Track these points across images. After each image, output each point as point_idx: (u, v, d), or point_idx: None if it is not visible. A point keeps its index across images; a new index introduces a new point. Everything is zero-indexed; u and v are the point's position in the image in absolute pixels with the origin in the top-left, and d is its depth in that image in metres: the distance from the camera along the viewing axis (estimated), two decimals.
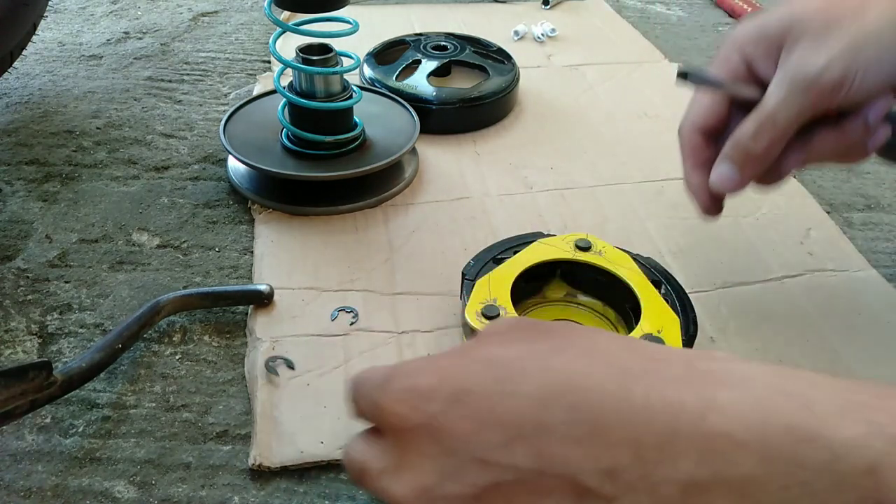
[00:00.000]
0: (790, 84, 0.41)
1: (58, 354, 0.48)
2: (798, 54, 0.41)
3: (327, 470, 0.41)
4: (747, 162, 0.43)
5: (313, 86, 0.59)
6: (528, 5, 1.00)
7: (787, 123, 0.41)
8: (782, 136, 0.42)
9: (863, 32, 0.40)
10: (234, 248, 0.57)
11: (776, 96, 0.41)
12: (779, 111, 0.41)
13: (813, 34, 0.41)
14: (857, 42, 0.40)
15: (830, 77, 0.40)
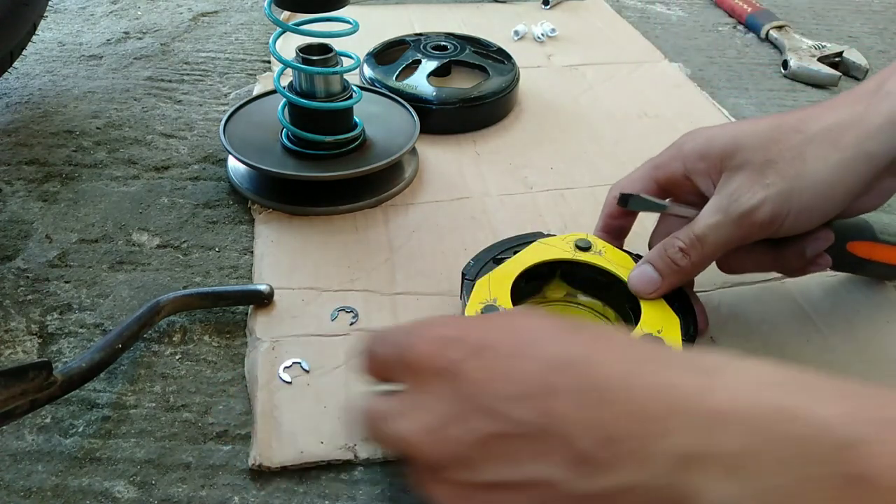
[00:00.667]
0: (723, 213, 0.42)
1: (58, 354, 0.48)
2: (734, 185, 0.42)
3: (327, 470, 0.41)
4: (671, 273, 0.44)
5: (313, 86, 0.59)
6: (528, 5, 1.00)
7: (714, 248, 0.43)
8: (708, 257, 0.44)
9: (801, 176, 0.41)
10: (234, 248, 0.57)
11: (707, 221, 0.43)
12: (708, 235, 0.43)
13: (752, 169, 0.42)
14: (791, 187, 0.41)
15: (762, 216, 0.41)
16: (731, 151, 0.43)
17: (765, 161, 0.42)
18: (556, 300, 0.51)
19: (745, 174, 0.42)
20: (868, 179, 0.41)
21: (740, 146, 0.43)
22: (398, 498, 0.40)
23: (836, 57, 0.88)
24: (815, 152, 0.41)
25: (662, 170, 0.47)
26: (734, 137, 0.43)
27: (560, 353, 0.30)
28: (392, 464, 0.42)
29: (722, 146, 0.43)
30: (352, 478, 0.41)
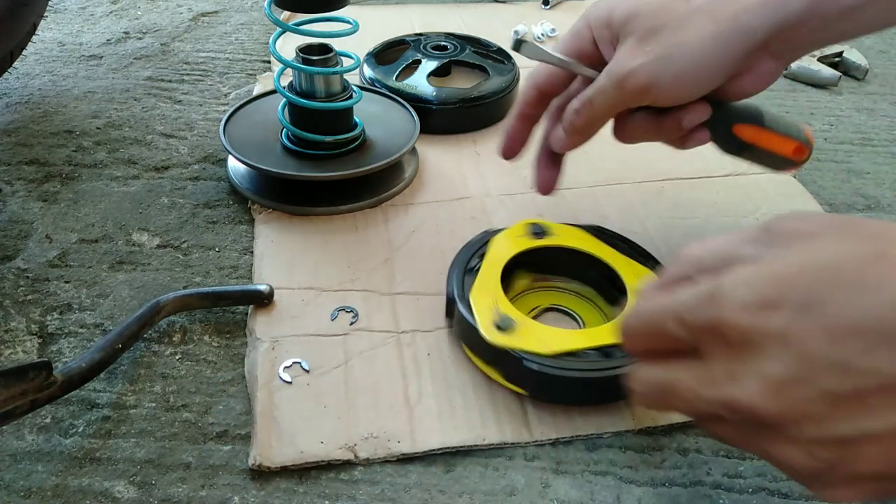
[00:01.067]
0: (606, 77, 0.46)
1: (58, 354, 0.48)
2: (621, 51, 0.46)
3: (327, 470, 0.41)
4: (572, 131, 0.49)
5: (313, 86, 0.59)
6: (528, 5, 1.00)
7: (601, 109, 0.47)
8: (599, 117, 0.48)
9: (677, 45, 0.44)
10: (234, 248, 0.57)
11: (595, 84, 0.47)
12: (595, 97, 0.47)
13: (638, 35, 0.45)
14: (668, 54, 0.44)
15: (636, 81, 0.44)
16: (628, 18, 0.46)
17: (650, 28, 0.44)
18: (525, 290, 0.52)
19: (630, 40, 0.45)
20: (742, 55, 0.44)
21: (634, 13, 0.45)
22: (398, 498, 0.40)
23: (836, 57, 0.88)
24: (695, 23, 0.43)
25: (573, 39, 0.50)
26: (632, 5, 0.46)
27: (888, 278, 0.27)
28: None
29: (621, 13, 0.46)
30: (352, 478, 0.41)
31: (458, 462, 0.42)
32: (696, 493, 0.41)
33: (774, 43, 0.43)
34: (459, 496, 0.40)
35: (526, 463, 0.42)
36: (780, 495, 0.41)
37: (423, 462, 0.42)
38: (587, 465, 0.42)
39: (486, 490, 0.41)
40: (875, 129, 0.77)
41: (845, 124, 0.78)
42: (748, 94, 0.47)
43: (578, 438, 0.43)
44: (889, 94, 0.84)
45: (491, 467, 0.42)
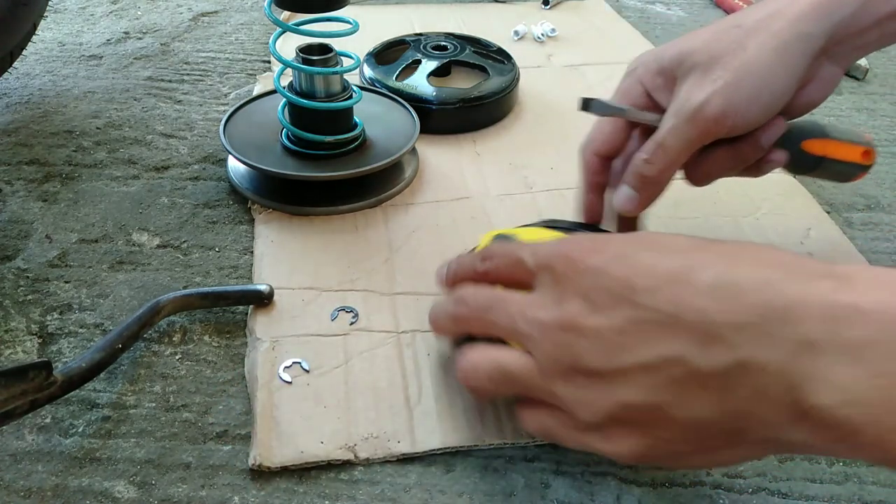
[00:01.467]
0: (676, 116, 0.44)
1: (58, 354, 0.48)
2: (685, 88, 0.44)
3: (327, 470, 0.41)
4: (643, 185, 0.46)
5: (313, 86, 0.59)
6: (528, 5, 1.00)
7: (676, 151, 0.45)
8: (673, 161, 0.45)
9: (743, 66, 0.43)
10: (234, 248, 0.57)
11: (665, 126, 0.45)
12: (667, 139, 0.45)
13: (700, 69, 0.44)
14: (737, 77, 0.43)
15: (712, 111, 0.43)
16: (680, 59, 0.45)
17: (709, 59, 0.44)
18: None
19: (693, 76, 0.44)
20: (807, 61, 0.44)
21: (686, 52, 0.45)
22: (398, 498, 0.40)
23: None
24: (754, 41, 0.43)
25: (624, 96, 0.49)
26: (679, 48, 0.46)
27: (697, 257, 0.33)
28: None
29: (670, 57, 0.46)
30: (352, 478, 0.41)
31: (458, 462, 0.42)
32: (696, 493, 0.41)
33: (832, 47, 0.44)
34: (459, 496, 0.40)
35: (526, 463, 0.42)
36: (780, 495, 0.41)
37: (423, 462, 0.42)
38: (587, 466, 0.42)
39: (486, 490, 0.41)
40: (875, 129, 0.77)
41: (845, 124, 0.78)
42: (815, 103, 0.47)
43: None
44: (889, 94, 0.84)
45: (491, 467, 0.42)
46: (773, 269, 0.31)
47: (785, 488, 0.41)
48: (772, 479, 0.42)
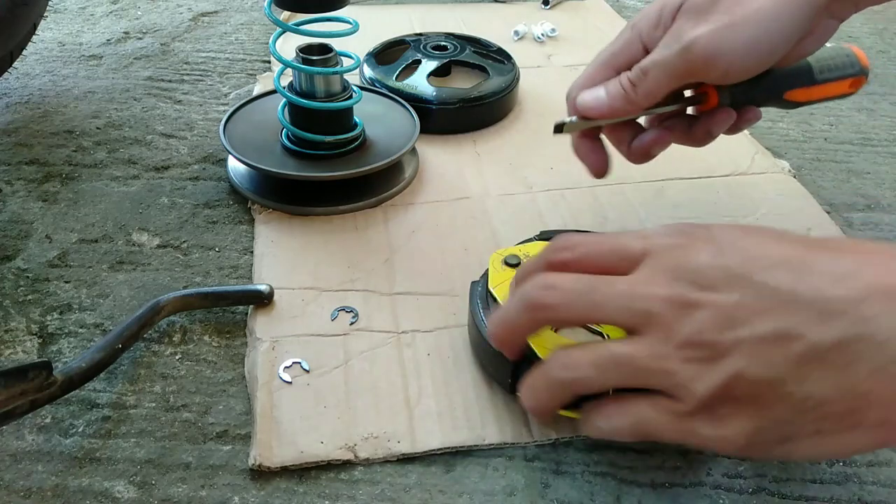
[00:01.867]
0: (666, 48, 0.44)
1: (58, 354, 0.48)
2: (679, 23, 0.44)
3: (327, 470, 0.41)
4: (616, 97, 0.46)
5: (313, 86, 0.59)
6: (528, 5, 1.00)
7: (658, 82, 0.45)
8: (653, 91, 0.45)
9: (744, 13, 0.42)
10: (234, 248, 0.57)
11: (652, 57, 0.45)
12: (651, 69, 0.44)
13: (697, 9, 0.43)
14: (734, 22, 0.42)
15: (700, 49, 0.42)
16: (680, 5, 0.44)
17: (710, 3, 0.43)
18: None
19: (689, 15, 0.43)
20: (811, 14, 0.43)
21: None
22: (398, 498, 0.40)
23: None
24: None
25: (621, 55, 0.47)
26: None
27: (811, 244, 0.33)
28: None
29: (672, 5, 0.45)
30: (352, 478, 0.41)
31: (458, 462, 0.42)
32: (696, 493, 0.41)
33: (836, 3, 0.43)
34: (459, 496, 0.40)
35: (526, 463, 0.42)
36: (779, 496, 0.41)
37: (423, 462, 0.42)
38: (587, 466, 0.42)
39: (486, 490, 0.41)
40: (875, 129, 0.77)
41: (845, 124, 0.78)
42: (805, 55, 0.46)
43: (578, 438, 0.43)
44: (889, 94, 0.84)
45: (491, 467, 0.42)
46: (888, 257, 0.31)
47: (785, 488, 0.41)
48: (772, 480, 0.42)
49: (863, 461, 0.43)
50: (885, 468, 0.43)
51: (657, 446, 0.43)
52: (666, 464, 0.42)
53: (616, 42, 0.48)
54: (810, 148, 0.74)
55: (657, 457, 0.43)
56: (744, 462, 0.43)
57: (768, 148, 0.71)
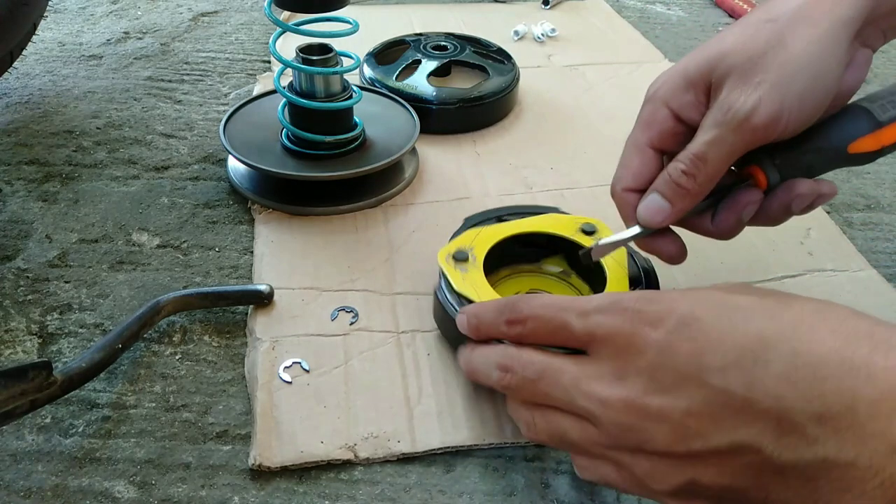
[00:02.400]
0: (719, 126, 0.39)
1: (58, 354, 0.48)
2: (726, 94, 0.39)
3: (327, 470, 0.41)
4: (678, 197, 0.41)
5: (313, 86, 0.59)
6: (528, 5, 1.00)
7: (718, 163, 0.40)
8: (714, 175, 0.41)
9: (789, 64, 0.38)
10: (234, 248, 0.57)
11: (705, 138, 0.40)
12: (710, 152, 0.40)
13: (738, 72, 0.39)
14: (783, 76, 0.38)
15: (762, 117, 0.38)
16: (711, 66, 0.40)
17: (747, 60, 0.39)
18: (551, 274, 0.53)
19: (732, 80, 0.39)
20: (848, 47, 0.40)
21: (717, 57, 0.40)
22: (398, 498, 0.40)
23: None
24: (795, 35, 0.39)
25: (652, 128, 0.43)
26: (707, 55, 0.41)
27: (771, 327, 0.30)
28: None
29: (698, 67, 0.41)
30: (352, 478, 0.41)
31: (458, 462, 0.42)
32: None
33: (865, 28, 0.41)
34: (459, 496, 0.40)
35: (526, 463, 0.42)
36: None
37: (423, 462, 0.42)
38: None
39: (486, 490, 0.41)
40: None
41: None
42: (853, 90, 0.42)
43: None
44: None
45: (491, 467, 0.42)
46: (856, 345, 0.28)
47: None
48: None
49: None
50: None
51: None
52: None
53: (642, 118, 0.44)
54: None
55: None
56: None
57: None
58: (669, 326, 0.31)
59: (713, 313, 0.31)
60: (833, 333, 0.29)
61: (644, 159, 0.43)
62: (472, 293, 0.45)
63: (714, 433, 0.29)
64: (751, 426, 0.29)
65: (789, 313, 0.30)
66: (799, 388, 0.28)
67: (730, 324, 0.31)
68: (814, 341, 0.29)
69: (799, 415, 0.27)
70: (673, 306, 0.32)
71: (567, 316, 0.35)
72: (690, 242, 0.57)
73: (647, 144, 0.43)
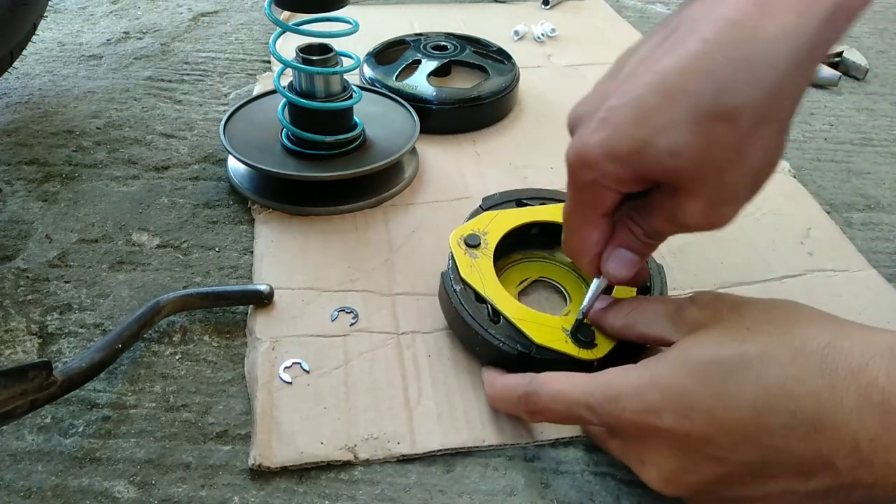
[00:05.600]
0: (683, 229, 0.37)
1: (58, 354, 0.48)
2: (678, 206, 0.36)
3: (327, 470, 0.41)
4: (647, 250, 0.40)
5: (313, 86, 0.59)
6: (528, 5, 1.00)
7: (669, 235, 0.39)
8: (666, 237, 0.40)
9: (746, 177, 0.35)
10: (234, 248, 0.57)
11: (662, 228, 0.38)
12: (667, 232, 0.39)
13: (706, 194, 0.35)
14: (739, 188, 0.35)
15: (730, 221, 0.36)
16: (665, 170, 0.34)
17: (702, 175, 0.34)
18: (563, 263, 0.54)
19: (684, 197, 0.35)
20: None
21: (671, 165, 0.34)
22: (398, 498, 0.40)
23: (836, 57, 0.88)
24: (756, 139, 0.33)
25: (604, 204, 0.38)
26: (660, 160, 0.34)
27: (762, 394, 0.33)
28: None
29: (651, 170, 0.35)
30: (352, 478, 0.41)
31: (457, 462, 0.42)
32: None
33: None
34: (459, 496, 0.40)
35: (526, 463, 0.42)
36: None
37: (422, 462, 0.42)
38: (587, 466, 0.42)
39: (486, 490, 0.41)
40: (875, 129, 0.77)
41: (845, 124, 0.78)
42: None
43: (578, 438, 0.43)
44: (889, 94, 0.84)
45: (491, 467, 0.42)
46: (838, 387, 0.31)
47: None
48: None
49: None
50: None
51: None
52: None
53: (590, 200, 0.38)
54: (810, 148, 0.74)
55: None
56: None
57: None
58: (670, 418, 0.34)
59: (702, 396, 0.34)
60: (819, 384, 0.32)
61: (601, 230, 0.40)
62: (477, 282, 0.46)
63: (745, 488, 0.34)
64: (773, 481, 0.33)
65: (773, 371, 0.33)
66: (804, 441, 0.32)
67: (723, 403, 0.33)
68: (805, 396, 0.32)
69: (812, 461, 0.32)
70: (670, 382, 0.35)
71: (579, 411, 0.38)
72: (691, 242, 0.58)
73: (598, 217, 0.39)
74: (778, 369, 0.33)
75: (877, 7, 1.09)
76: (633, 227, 0.39)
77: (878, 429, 0.30)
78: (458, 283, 0.47)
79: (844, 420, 0.31)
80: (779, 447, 0.32)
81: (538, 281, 0.53)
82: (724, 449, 0.33)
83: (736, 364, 0.34)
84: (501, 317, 0.45)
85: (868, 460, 0.30)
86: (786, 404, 0.32)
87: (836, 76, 0.85)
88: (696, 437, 0.34)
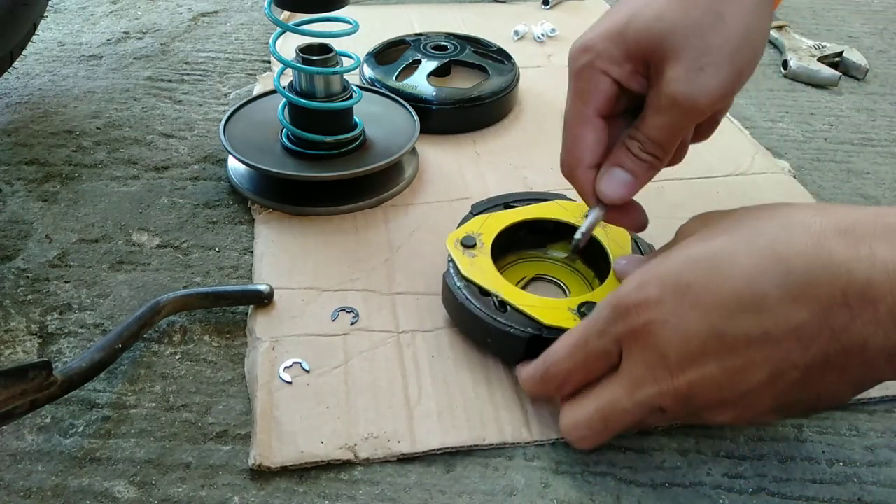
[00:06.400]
0: (670, 110, 0.40)
1: (58, 354, 0.48)
2: (672, 76, 0.39)
3: (327, 470, 0.41)
4: (642, 169, 0.42)
5: (313, 86, 0.59)
6: (528, 5, 1.00)
7: (672, 142, 0.41)
8: (671, 150, 0.42)
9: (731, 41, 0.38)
10: (234, 248, 0.57)
11: (659, 121, 0.40)
12: (665, 135, 0.41)
13: (683, 53, 0.38)
14: (727, 54, 0.38)
15: (707, 101, 0.39)
16: (652, 43, 0.39)
17: (687, 38, 0.38)
18: (556, 259, 0.54)
19: (676, 63, 0.39)
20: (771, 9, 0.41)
21: (658, 34, 0.39)
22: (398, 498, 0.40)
23: (836, 57, 0.88)
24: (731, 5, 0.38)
25: (597, 98, 0.42)
26: (646, 24, 0.39)
27: (753, 262, 0.34)
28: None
29: (638, 41, 0.40)
30: (352, 478, 0.41)
31: (458, 462, 0.42)
32: (696, 493, 0.41)
33: None
34: (459, 496, 0.40)
35: (526, 463, 0.42)
36: (779, 496, 0.41)
37: (423, 462, 0.42)
38: (587, 465, 0.42)
39: (486, 490, 0.41)
40: (875, 129, 0.77)
41: (845, 124, 0.78)
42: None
43: None
44: (889, 94, 0.84)
45: (491, 467, 0.42)
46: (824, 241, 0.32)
47: (785, 488, 0.41)
48: (772, 480, 0.42)
49: (863, 461, 0.43)
50: (885, 468, 0.43)
51: (656, 446, 0.43)
52: (665, 464, 0.43)
53: (582, 88, 0.42)
54: (810, 148, 0.74)
55: (657, 456, 0.43)
56: (744, 462, 0.43)
57: (768, 148, 0.72)
58: (670, 305, 0.35)
59: (696, 275, 0.35)
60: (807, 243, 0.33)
61: (596, 131, 0.42)
62: (479, 278, 0.47)
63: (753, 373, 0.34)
64: (778, 351, 0.33)
65: (762, 240, 0.34)
66: (800, 302, 0.32)
67: (717, 277, 0.34)
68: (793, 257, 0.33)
69: (811, 321, 0.32)
70: (665, 280, 0.36)
71: (593, 344, 0.39)
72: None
73: (594, 115, 0.42)
74: (767, 236, 0.34)
75: (877, 7, 1.09)
76: (630, 143, 0.42)
77: (863, 283, 0.31)
78: (461, 280, 0.47)
79: (834, 275, 0.32)
80: (776, 312, 0.33)
81: (535, 278, 0.53)
82: (724, 325, 0.34)
83: (725, 243, 0.35)
84: (508, 306, 0.45)
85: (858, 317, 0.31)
86: (776, 267, 0.33)
87: (836, 76, 0.85)
88: (695, 318, 0.35)
